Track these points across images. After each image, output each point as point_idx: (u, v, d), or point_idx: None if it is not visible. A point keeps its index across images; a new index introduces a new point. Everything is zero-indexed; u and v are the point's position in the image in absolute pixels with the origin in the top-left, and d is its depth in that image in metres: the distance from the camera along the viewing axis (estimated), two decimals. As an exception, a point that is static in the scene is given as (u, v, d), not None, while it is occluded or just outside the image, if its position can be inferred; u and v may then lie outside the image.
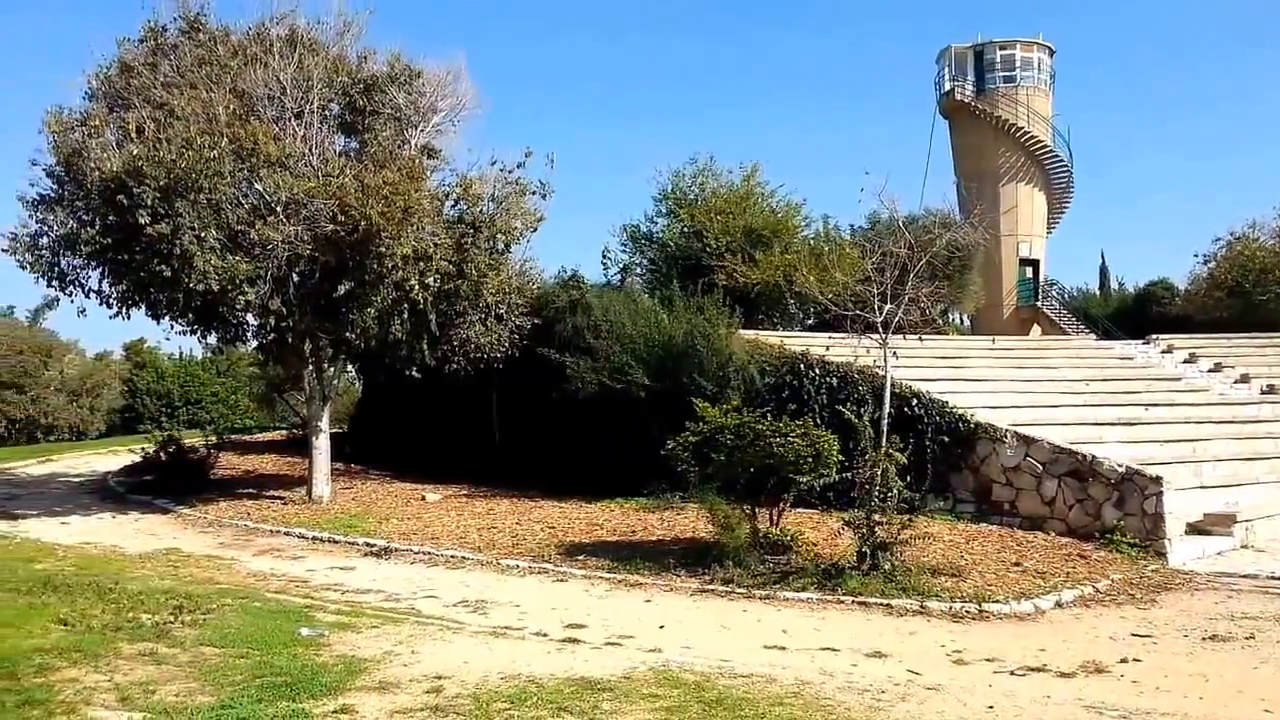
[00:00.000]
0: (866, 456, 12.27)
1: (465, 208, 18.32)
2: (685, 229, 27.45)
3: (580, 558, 13.58)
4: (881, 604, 10.85)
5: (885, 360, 13.79)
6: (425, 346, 18.42)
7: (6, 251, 16.58)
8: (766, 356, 18.24)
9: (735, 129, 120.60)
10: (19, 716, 6.65)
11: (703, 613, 10.79)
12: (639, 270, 28.23)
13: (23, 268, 16.63)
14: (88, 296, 17.23)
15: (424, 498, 19.17)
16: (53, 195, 16.83)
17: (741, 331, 19.47)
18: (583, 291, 21.29)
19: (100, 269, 16.99)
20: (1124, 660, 8.76)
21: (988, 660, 8.77)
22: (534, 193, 18.91)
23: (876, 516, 11.85)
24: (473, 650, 8.90)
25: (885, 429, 12.88)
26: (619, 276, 27.42)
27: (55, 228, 16.73)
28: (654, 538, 14.79)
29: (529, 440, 20.81)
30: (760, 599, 11.31)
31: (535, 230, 19.22)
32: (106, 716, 6.75)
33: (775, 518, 13.33)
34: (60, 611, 9.96)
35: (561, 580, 12.59)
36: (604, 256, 28.76)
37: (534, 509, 17.50)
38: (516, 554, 14.07)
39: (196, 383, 53.91)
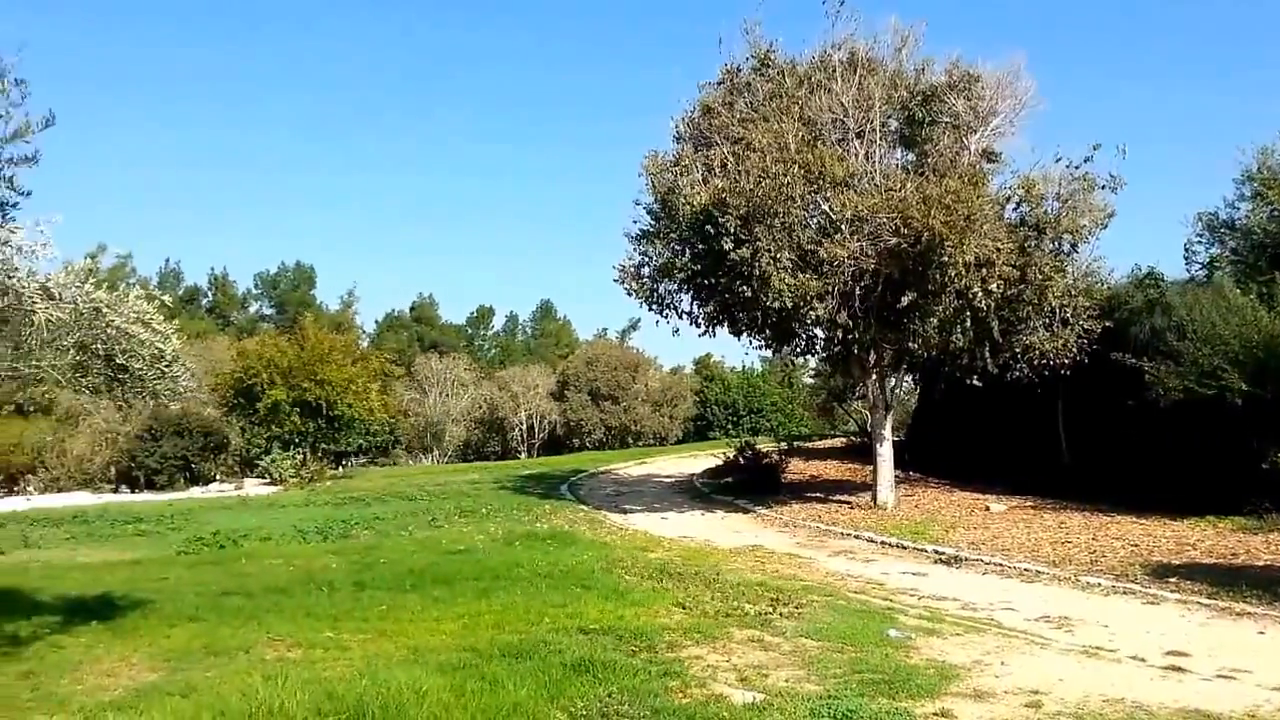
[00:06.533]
0: None
1: (1027, 209, 17.70)
2: (1276, 212, 23.89)
3: (1171, 580, 12.44)
4: None
5: None
6: (987, 354, 18.04)
7: (617, 281, 19.34)
8: (1407, 357, 15.33)
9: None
10: (662, 685, 7.68)
11: (1337, 653, 9.35)
12: (1222, 264, 25.08)
13: (629, 294, 19.29)
14: (680, 318, 19.49)
15: (988, 508, 18.81)
16: (651, 230, 19.27)
17: (1372, 328, 16.54)
18: (1160, 290, 19.49)
19: (690, 293, 19.08)
20: None
21: None
22: (1102, 187, 17.70)
23: None
24: (1065, 667, 8.58)
25: None
26: (1203, 272, 24.59)
27: (654, 258, 19.16)
28: (1260, 562, 13.13)
29: (1099, 451, 19.55)
30: None
31: (1104, 227, 18.00)
32: (731, 693, 7.53)
33: None
34: (677, 596, 11.34)
35: (1151, 603, 11.61)
36: (1186, 251, 26.01)
37: (1109, 524, 16.44)
38: (1096, 571, 13.27)
39: (757, 393, 58.00)
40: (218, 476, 38.92)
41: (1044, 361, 18.34)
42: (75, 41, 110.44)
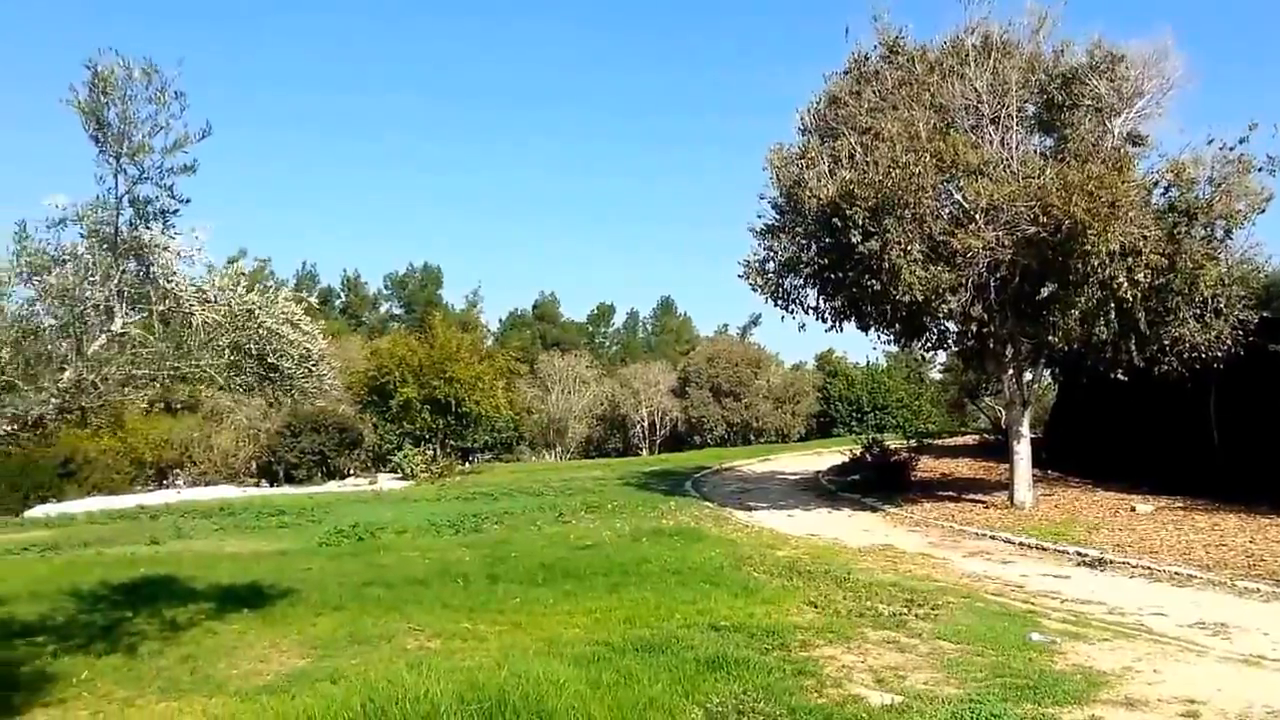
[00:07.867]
0: None
1: (1176, 194, 16.82)
2: None
3: (1341, 586, 11.69)
4: None
5: None
6: (1132, 347, 17.23)
7: (741, 277, 19.17)
8: None
9: None
10: (797, 684, 7.59)
11: None
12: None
13: (754, 290, 19.10)
14: (806, 313, 19.23)
15: (1133, 508, 17.98)
16: (776, 224, 19.06)
17: None
18: (1326, 277, 18.30)
19: (816, 287, 18.82)
20: None
21: None
22: (1260, 169, 16.66)
23: None
24: (1223, 676, 8.13)
25: None
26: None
27: (779, 253, 18.93)
28: None
29: (1257, 449, 18.42)
30: None
31: (1262, 211, 16.93)
32: (868, 694, 7.38)
33: None
34: (808, 595, 11.19)
35: (1318, 610, 10.94)
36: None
37: (1269, 526, 15.52)
38: (1254, 576, 12.53)
39: (882, 389, 56.99)
40: (352, 471, 40.39)
41: (1194, 354, 17.39)
42: (222, 45, 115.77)
